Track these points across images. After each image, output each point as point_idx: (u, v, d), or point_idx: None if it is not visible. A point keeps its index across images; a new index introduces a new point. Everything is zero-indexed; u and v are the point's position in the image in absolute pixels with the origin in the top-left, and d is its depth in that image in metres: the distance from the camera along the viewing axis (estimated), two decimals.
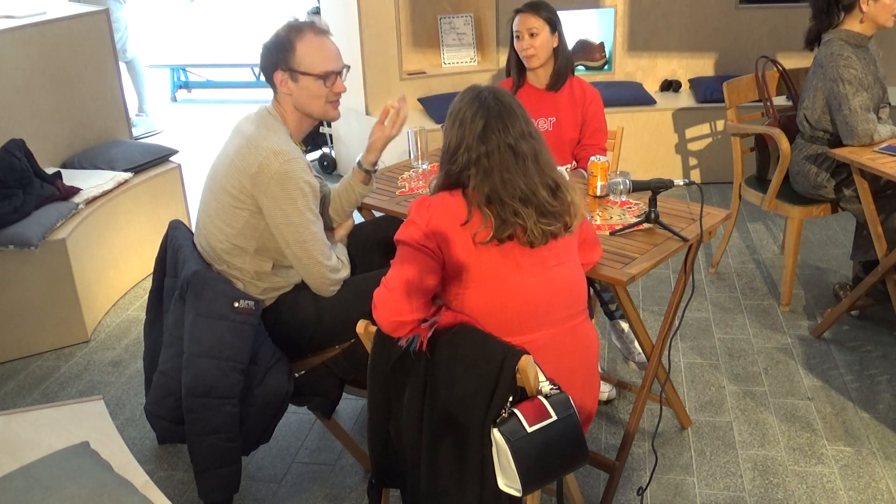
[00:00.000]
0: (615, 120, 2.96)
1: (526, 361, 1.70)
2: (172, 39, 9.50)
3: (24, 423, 1.86)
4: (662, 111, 4.77)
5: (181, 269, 2.31)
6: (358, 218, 2.74)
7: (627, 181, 2.51)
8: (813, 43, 3.25)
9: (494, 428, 1.69)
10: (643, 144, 4.77)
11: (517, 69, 2.99)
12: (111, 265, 3.67)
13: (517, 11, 2.91)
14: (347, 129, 5.00)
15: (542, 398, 1.72)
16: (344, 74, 2.31)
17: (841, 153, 2.97)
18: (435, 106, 4.66)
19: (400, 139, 2.58)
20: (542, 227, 1.85)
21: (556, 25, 2.89)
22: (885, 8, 3.01)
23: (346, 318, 2.15)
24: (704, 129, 4.80)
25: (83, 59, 4.03)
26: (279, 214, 2.19)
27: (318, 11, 5.19)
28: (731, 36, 5.04)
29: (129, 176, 3.83)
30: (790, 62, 3.75)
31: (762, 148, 3.60)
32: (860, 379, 2.96)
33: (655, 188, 2.37)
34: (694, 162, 4.87)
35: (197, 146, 5.82)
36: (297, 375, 2.40)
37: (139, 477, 1.68)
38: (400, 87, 4.81)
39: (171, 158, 4.16)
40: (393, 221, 2.57)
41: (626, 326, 3.02)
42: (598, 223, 2.43)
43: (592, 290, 2.91)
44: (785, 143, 3.28)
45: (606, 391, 2.84)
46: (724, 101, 3.63)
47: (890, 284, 3.04)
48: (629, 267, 2.17)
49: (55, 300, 3.30)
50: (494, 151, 1.85)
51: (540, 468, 1.69)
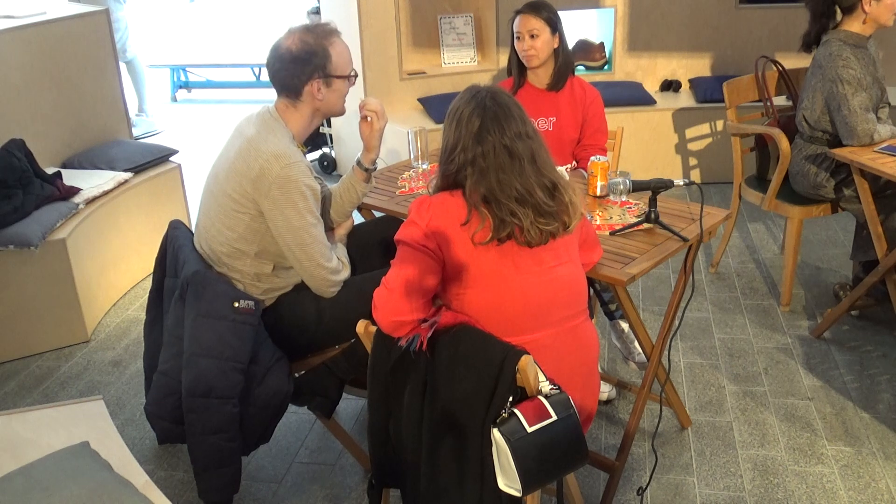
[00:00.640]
0: (615, 120, 2.95)
1: (526, 361, 1.70)
2: (172, 39, 9.50)
3: (24, 423, 1.86)
4: (662, 111, 4.77)
5: (181, 269, 2.31)
6: (358, 218, 2.74)
7: (627, 181, 2.51)
8: (811, 45, 3.24)
9: (494, 428, 1.69)
10: (643, 144, 4.77)
11: (518, 69, 2.99)
12: (111, 265, 3.67)
13: (518, 12, 2.91)
14: (347, 129, 5.00)
15: (542, 398, 1.72)
16: None
17: (841, 153, 2.98)
18: (435, 106, 4.67)
19: (400, 139, 2.58)
20: (539, 226, 1.85)
21: (556, 26, 2.89)
22: (887, 8, 3.00)
23: (346, 317, 2.15)
24: (704, 129, 4.80)
25: (83, 59, 4.03)
26: (280, 218, 2.19)
27: (318, 11, 5.19)
28: (731, 36, 5.05)
29: (129, 176, 3.83)
30: (790, 62, 3.75)
31: (762, 148, 3.60)
32: (860, 379, 2.96)
33: (655, 188, 2.37)
34: (694, 162, 4.87)
35: (197, 146, 5.82)
36: (296, 375, 2.40)
37: (139, 477, 1.68)
38: (400, 87, 4.81)
39: (171, 158, 4.16)
40: (393, 221, 2.57)
41: (626, 326, 3.02)
42: (598, 223, 2.43)
43: (592, 290, 2.91)
44: (785, 143, 3.28)
45: (606, 391, 2.84)
46: (724, 101, 3.63)
47: (890, 284, 3.04)
48: (629, 267, 2.17)
49: (55, 300, 3.30)
50: (490, 152, 1.85)
51: (540, 468, 1.69)
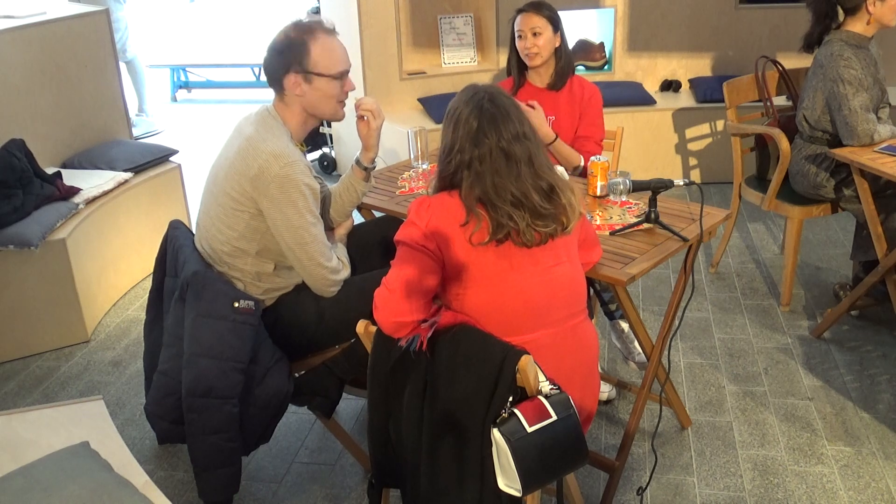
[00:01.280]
0: (615, 120, 2.95)
1: (526, 361, 1.70)
2: (172, 39, 9.50)
3: (24, 423, 1.86)
4: (662, 111, 4.77)
5: (181, 269, 2.31)
6: (357, 218, 2.74)
7: (627, 181, 2.51)
8: (812, 46, 3.24)
9: (494, 428, 1.69)
10: (643, 144, 4.77)
11: (518, 69, 2.98)
12: (111, 265, 3.67)
13: (519, 11, 2.90)
14: (347, 129, 4.99)
15: (542, 398, 1.72)
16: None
17: (841, 153, 2.98)
18: (435, 106, 4.67)
19: (400, 139, 2.58)
20: (536, 228, 1.85)
21: (558, 24, 2.89)
22: (891, 9, 3.00)
23: (346, 317, 2.15)
24: (704, 129, 4.80)
25: (83, 59, 4.03)
26: (279, 217, 2.19)
27: (318, 11, 5.19)
28: (731, 36, 5.04)
29: (129, 176, 3.83)
30: (790, 62, 3.75)
31: (762, 148, 3.60)
32: (860, 379, 2.96)
33: (655, 188, 2.37)
34: (694, 162, 4.87)
35: (197, 146, 5.82)
36: (296, 376, 2.40)
37: (139, 477, 1.68)
38: (400, 87, 4.81)
39: (171, 158, 4.16)
40: (393, 221, 2.57)
41: (626, 326, 3.02)
42: (598, 223, 2.43)
43: (592, 290, 2.91)
44: (785, 143, 3.28)
45: (606, 391, 2.84)
46: (724, 101, 3.63)
47: (890, 284, 3.04)
48: (629, 267, 2.17)
49: (55, 300, 3.30)
50: (486, 155, 1.85)
51: (540, 468, 1.69)
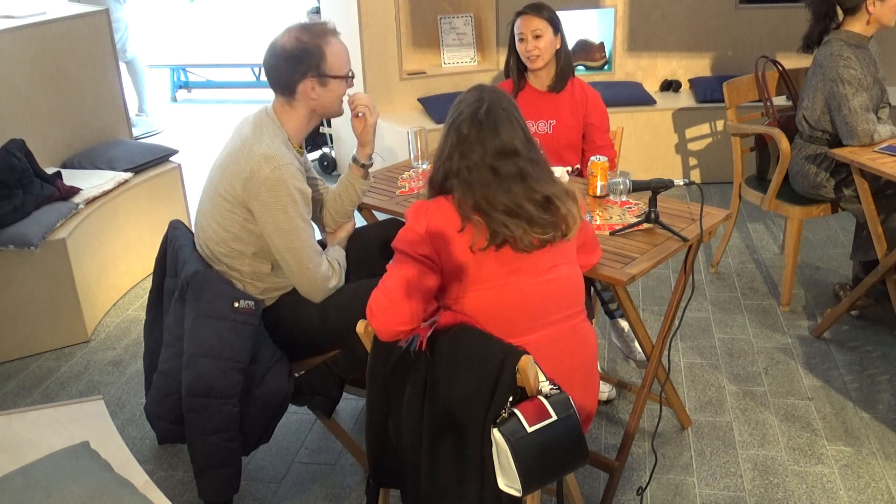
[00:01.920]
0: (615, 120, 2.96)
1: (526, 361, 1.70)
2: (172, 39, 9.50)
3: (24, 423, 1.86)
4: (662, 111, 4.77)
5: (181, 269, 2.31)
6: (359, 219, 2.74)
7: (627, 181, 2.51)
8: (812, 46, 3.24)
9: (494, 428, 1.69)
10: (643, 144, 4.77)
11: (517, 71, 2.97)
12: (111, 265, 3.67)
13: (519, 13, 2.88)
14: (347, 128, 4.97)
15: (542, 398, 1.72)
16: None
17: (841, 153, 2.98)
18: (435, 106, 4.66)
19: (400, 139, 2.58)
20: (535, 235, 1.85)
21: (558, 26, 2.88)
22: (891, 9, 3.00)
23: (348, 320, 2.14)
24: (704, 129, 4.80)
25: (83, 59, 4.03)
26: (269, 221, 2.19)
27: (318, 11, 5.19)
28: (731, 36, 5.04)
29: (129, 176, 3.83)
30: (790, 62, 3.75)
31: (762, 148, 3.60)
32: (860, 379, 2.96)
33: (655, 188, 2.37)
34: (694, 162, 4.87)
35: (197, 146, 5.82)
36: (296, 375, 2.39)
37: (139, 477, 1.68)
38: (400, 87, 4.81)
39: (171, 158, 4.16)
40: (393, 224, 2.57)
41: (626, 325, 3.02)
42: (598, 223, 2.43)
43: (593, 289, 2.91)
44: (785, 143, 3.28)
45: (606, 391, 2.84)
46: (724, 101, 3.63)
47: (890, 284, 3.04)
48: (629, 267, 2.17)
49: (55, 300, 3.30)
50: (473, 168, 1.85)
51: (540, 468, 1.69)
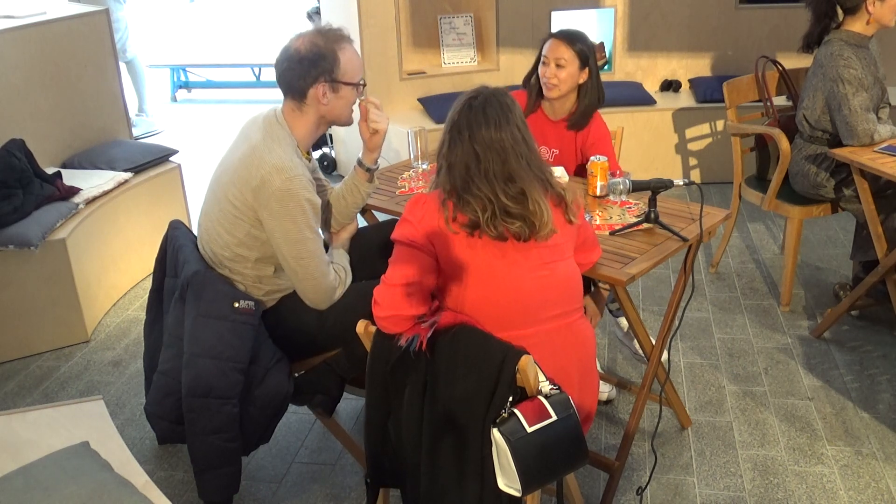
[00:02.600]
0: (615, 120, 2.95)
1: (526, 361, 1.70)
2: (172, 39, 9.50)
3: (24, 423, 1.86)
4: (662, 111, 4.77)
5: (181, 269, 2.31)
6: (360, 220, 2.74)
7: (627, 181, 2.51)
8: (812, 46, 3.24)
9: (494, 428, 1.70)
10: (643, 144, 4.77)
11: (536, 90, 2.85)
12: (111, 265, 3.67)
13: (551, 36, 2.78)
14: (347, 129, 4.99)
15: (542, 398, 1.72)
16: None
17: (841, 153, 2.98)
18: (435, 106, 4.66)
19: (400, 139, 2.58)
20: (504, 224, 1.86)
21: (587, 60, 2.74)
22: (891, 9, 3.00)
23: (349, 321, 2.14)
24: (704, 129, 4.80)
25: (83, 59, 4.03)
26: (278, 230, 2.19)
27: (318, 11, 5.19)
28: (731, 36, 5.04)
29: (129, 176, 3.83)
30: (790, 62, 3.75)
31: (762, 148, 3.60)
32: (860, 379, 2.96)
33: (655, 188, 2.37)
34: (694, 162, 4.87)
35: (197, 146, 5.82)
36: (296, 375, 2.39)
37: (139, 477, 1.68)
38: (400, 87, 4.81)
39: (171, 158, 4.16)
40: (394, 224, 2.57)
41: (626, 324, 3.03)
42: (597, 223, 2.43)
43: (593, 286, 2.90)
44: (785, 143, 3.28)
45: (606, 391, 2.84)
46: (724, 101, 3.63)
47: (890, 284, 3.04)
48: (629, 267, 2.17)
49: (55, 300, 3.30)
50: (459, 154, 1.89)
51: (540, 468, 1.70)
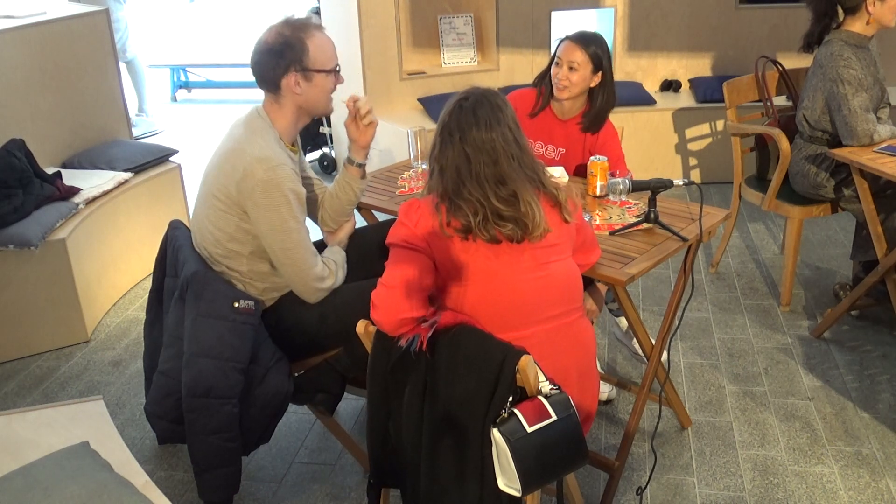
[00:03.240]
0: (615, 120, 2.95)
1: (526, 361, 1.70)
2: (172, 39, 9.50)
3: (24, 423, 1.86)
4: (662, 111, 4.77)
5: (181, 269, 2.31)
6: (359, 220, 2.74)
7: (627, 181, 2.51)
8: (812, 46, 3.24)
9: (494, 428, 1.70)
10: (643, 144, 4.77)
11: (547, 90, 2.83)
12: (111, 265, 3.67)
13: (567, 37, 2.76)
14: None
15: (542, 398, 1.72)
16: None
17: (841, 153, 2.98)
18: (435, 106, 4.66)
19: (400, 139, 2.58)
20: (497, 227, 1.86)
21: (601, 64, 2.73)
22: (891, 9, 3.00)
23: (348, 320, 2.14)
24: (704, 129, 4.80)
25: (83, 59, 4.03)
26: (263, 221, 2.19)
27: (318, 11, 5.19)
28: (731, 36, 5.04)
29: (129, 176, 3.83)
30: (790, 62, 3.75)
31: (762, 148, 3.60)
32: (860, 379, 2.96)
33: (655, 188, 2.37)
34: (694, 162, 4.87)
35: (197, 146, 5.82)
36: (296, 375, 2.39)
37: (139, 477, 1.68)
38: (400, 87, 4.81)
39: (171, 158, 4.16)
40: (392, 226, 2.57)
41: (625, 324, 3.03)
42: (597, 223, 2.43)
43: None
44: (785, 143, 3.28)
45: (606, 391, 2.84)
46: (724, 101, 3.63)
47: (890, 284, 3.04)
48: (629, 267, 2.17)
49: (55, 300, 3.30)
50: (450, 156, 1.88)
51: (540, 468, 1.70)
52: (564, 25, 2.83)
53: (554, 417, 1.69)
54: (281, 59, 2.20)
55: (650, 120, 4.75)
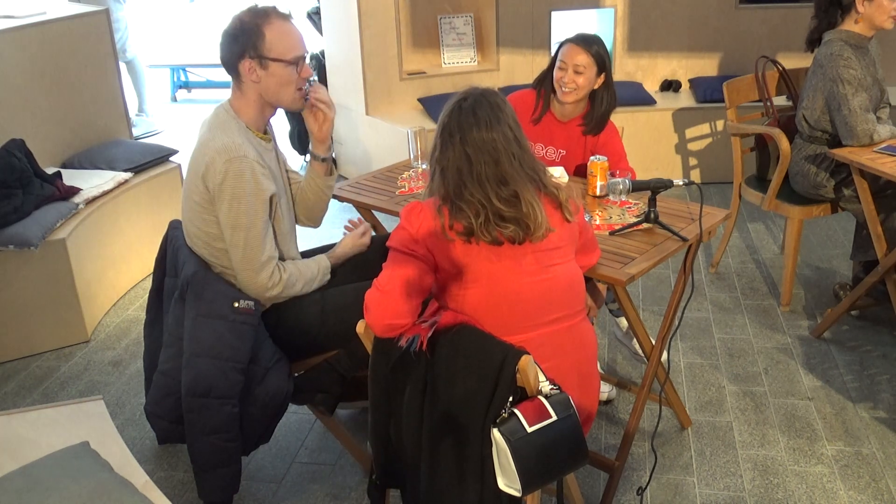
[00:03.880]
0: (615, 120, 2.96)
1: (526, 361, 1.70)
2: (172, 39, 9.49)
3: (24, 423, 1.86)
4: (662, 111, 4.77)
5: (181, 269, 2.31)
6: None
7: (627, 181, 2.51)
8: (814, 44, 3.24)
9: (494, 428, 1.70)
10: (643, 144, 4.77)
11: (549, 93, 2.83)
12: (111, 265, 3.67)
13: (568, 41, 2.75)
14: (347, 129, 4.99)
15: (542, 398, 1.72)
16: (306, 59, 2.26)
17: (840, 153, 2.98)
18: (435, 106, 4.66)
19: (400, 139, 2.58)
20: (498, 229, 1.85)
21: (604, 66, 2.73)
22: (880, 9, 3.00)
23: (349, 321, 2.14)
24: (704, 129, 4.80)
25: (83, 59, 4.03)
26: (222, 213, 2.17)
27: (318, 11, 5.20)
28: (731, 36, 5.05)
29: (129, 176, 3.83)
30: (790, 62, 3.75)
31: (762, 148, 3.60)
32: (860, 379, 2.96)
33: (655, 188, 2.37)
34: (694, 162, 4.87)
35: None
36: (296, 375, 2.39)
37: (139, 477, 1.68)
38: (400, 87, 4.81)
39: (171, 158, 4.16)
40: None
41: (625, 324, 3.03)
42: (597, 223, 2.43)
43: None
44: (785, 143, 3.28)
45: (606, 391, 2.84)
46: (724, 101, 3.63)
47: (890, 284, 3.04)
48: (629, 267, 2.17)
49: (55, 300, 3.30)
50: (451, 157, 1.87)
51: (540, 468, 1.70)
52: (564, 25, 2.81)
53: (554, 417, 1.69)
54: (235, 44, 2.16)
55: (650, 120, 4.75)
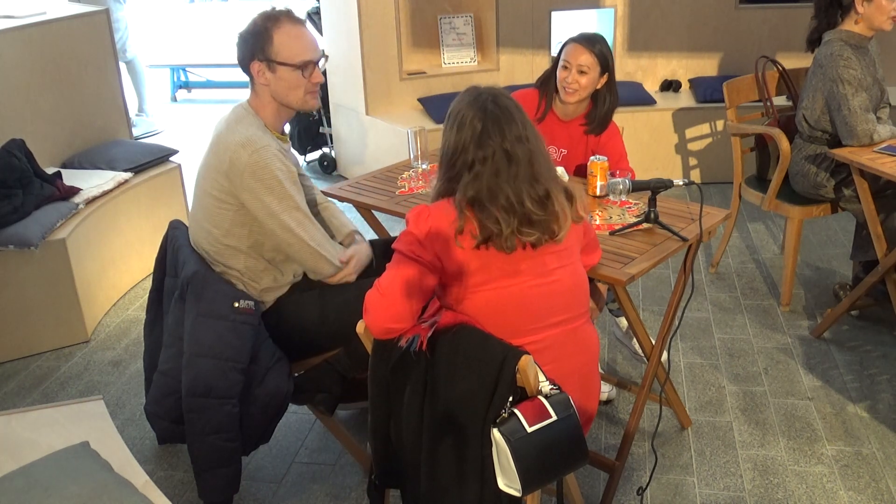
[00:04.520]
0: (615, 120, 2.97)
1: (526, 361, 1.70)
2: (172, 39, 9.49)
3: (24, 423, 1.86)
4: (662, 111, 4.77)
5: (181, 269, 2.31)
6: (361, 224, 2.73)
7: (627, 181, 2.51)
8: (814, 44, 3.24)
9: (494, 428, 1.69)
10: (643, 144, 4.77)
11: (551, 93, 2.83)
12: (111, 265, 3.67)
13: (571, 40, 2.75)
14: (347, 129, 4.99)
15: (542, 398, 1.72)
16: (322, 63, 2.28)
17: (840, 153, 2.98)
18: (435, 106, 4.67)
19: (400, 139, 2.57)
20: (520, 236, 1.83)
21: (607, 65, 2.73)
22: (879, 9, 3.00)
23: (349, 320, 2.14)
24: (704, 129, 4.80)
25: (83, 59, 4.03)
26: (259, 206, 2.18)
27: (318, 11, 5.19)
28: (731, 36, 5.05)
29: (129, 176, 3.83)
30: (790, 62, 3.75)
31: (762, 148, 3.60)
32: (860, 379, 2.96)
33: (655, 188, 2.37)
34: (694, 162, 4.87)
35: (197, 146, 5.81)
36: (296, 375, 2.39)
37: (139, 477, 1.68)
38: (400, 87, 4.81)
39: (171, 158, 4.16)
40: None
41: (625, 324, 3.03)
42: (597, 223, 2.43)
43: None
44: (785, 143, 3.28)
45: (606, 391, 2.84)
46: (724, 101, 3.63)
47: (890, 284, 3.04)
48: (629, 267, 2.17)
49: (55, 300, 3.30)
50: (490, 157, 1.83)
51: (540, 468, 1.69)
52: (564, 25, 2.81)
53: (554, 417, 1.69)
54: (245, 45, 2.23)
55: (650, 120, 4.75)
